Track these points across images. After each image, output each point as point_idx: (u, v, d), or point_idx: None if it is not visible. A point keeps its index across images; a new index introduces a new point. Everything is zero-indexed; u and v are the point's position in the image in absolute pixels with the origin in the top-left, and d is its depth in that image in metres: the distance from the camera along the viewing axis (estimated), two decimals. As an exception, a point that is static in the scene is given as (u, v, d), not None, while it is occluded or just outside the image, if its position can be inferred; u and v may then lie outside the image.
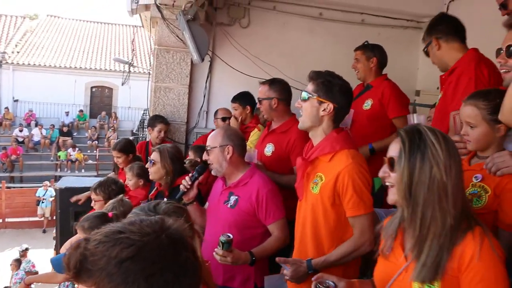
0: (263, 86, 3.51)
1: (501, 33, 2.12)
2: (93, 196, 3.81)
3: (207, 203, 3.15)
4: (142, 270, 0.92)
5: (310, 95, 2.41)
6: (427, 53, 3.05)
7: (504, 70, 2.18)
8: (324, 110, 2.39)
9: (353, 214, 2.33)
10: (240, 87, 5.27)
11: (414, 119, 2.99)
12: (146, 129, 5.25)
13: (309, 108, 2.42)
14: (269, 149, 3.47)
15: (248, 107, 4.39)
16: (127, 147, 4.77)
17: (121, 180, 4.21)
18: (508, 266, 1.66)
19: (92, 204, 3.87)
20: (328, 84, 2.40)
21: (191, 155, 4.25)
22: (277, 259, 2.39)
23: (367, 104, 3.84)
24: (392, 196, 1.71)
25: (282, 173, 3.34)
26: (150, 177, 3.47)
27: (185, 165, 3.63)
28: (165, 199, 2.84)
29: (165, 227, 1.02)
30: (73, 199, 5.01)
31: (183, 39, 5.14)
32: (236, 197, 2.84)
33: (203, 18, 5.27)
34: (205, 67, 5.69)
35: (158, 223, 1.02)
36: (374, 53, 4.00)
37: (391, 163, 1.69)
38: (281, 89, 3.48)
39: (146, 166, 3.48)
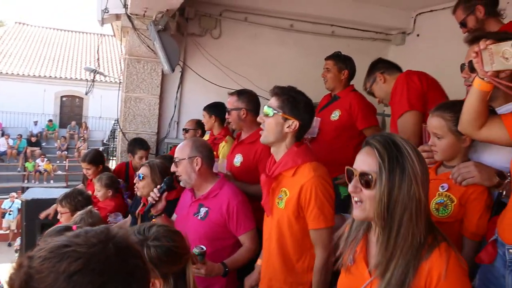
0: (232, 96, 3.54)
1: (466, 46, 2.19)
2: (59, 209, 3.73)
3: (174, 215, 3.13)
4: (91, 282, 0.92)
5: (275, 112, 2.39)
6: (371, 93, 3.33)
7: (469, 84, 2.26)
8: (288, 127, 2.39)
9: (313, 227, 2.33)
10: (211, 97, 5.26)
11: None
12: (127, 154, 5.12)
13: (273, 124, 2.41)
14: (238, 160, 3.49)
15: (214, 117, 4.40)
16: (97, 158, 4.68)
17: (88, 191, 4.14)
18: (471, 273, 1.74)
19: (58, 217, 3.78)
20: (293, 101, 2.39)
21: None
22: None
23: (335, 115, 3.89)
24: (360, 213, 1.61)
25: (251, 183, 3.35)
26: (138, 193, 3.39)
27: None
28: (158, 221, 2.80)
29: (110, 236, 1.02)
30: (42, 215, 4.80)
31: (154, 49, 5.12)
32: (206, 208, 2.83)
33: (174, 28, 5.25)
34: (176, 78, 5.67)
35: (104, 233, 1.02)
36: (346, 65, 4.05)
37: (366, 181, 1.56)
38: (249, 100, 3.52)
39: (134, 181, 3.41)
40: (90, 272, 0.93)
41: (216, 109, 4.42)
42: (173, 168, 2.92)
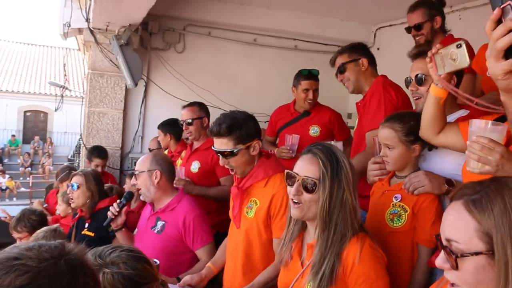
0: (193, 107, 3.74)
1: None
2: (16, 235, 3.62)
3: (137, 229, 3.12)
4: None
5: (237, 149, 2.42)
6: (343, 69, 3.07)
7: (416, 97, 2.36)
8: (254, 149, 2.46)
9: (278, 236, 2.36)
10: (175, 111, 5.24)
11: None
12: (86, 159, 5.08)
13: (242, 158, 2.46)
14: (195, 166, 3.65)
15: (168, 135, 4.51)
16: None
17: (39, 208, 4.07)
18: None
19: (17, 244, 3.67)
20: (241, 127, 2.43)
21: (128, 182, 4.21)
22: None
23: (316, 131, 3.90)
24: (299, 213, 1.85)
25: (210, 186, 3.55)
26: (73, 205, 3.36)
27: None
28: (119, 236, 2.86)
29: (64, 252, 0.99)
30: None
31: (117, 64, 5.10)
32: (163, 222, 2.83)
33: (137, 43, 5.26)
34: (140, 92, 5.64)
35: (58, 248, 1.00)
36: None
37: (309, 185, 1.80)
38: (206, 109, 3.81)
39: (67, 192, 3.39)
40: None
41: (170, 127, 4.50)
42: (133, 181, 2.92)
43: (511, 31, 1.09)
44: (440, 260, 1.14)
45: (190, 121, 3.68)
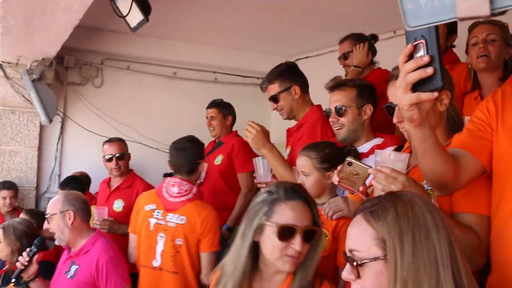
0: (120, 143, 3.79)
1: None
2: None
3: None
4: None
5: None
6: (276, 100, 2.97)
7: (337, 128, 2.46)
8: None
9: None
10: (94, 148, 5.10)
11: (260, 162, 3.01)
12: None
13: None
14: (119, 205, 3.59)
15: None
16: None
17: None
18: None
19: None
20: None
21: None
22: None
23: (218, 160, 3.96)
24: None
25: None
26: None
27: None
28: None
29: None
30: None
31: (30, 99, 4.86)
32: (77, 266, 2.68)
33: (52, 77, 5.06)
34: (56, 128, 5.41)
35: None
36: (230, 111, 4.18)
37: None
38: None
39: None
40: None
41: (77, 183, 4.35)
42: (45, 225, 2.75)
43: (421, 68, 1.16)
44: (346, 272, 1.22)
45: (119, 155, 3.71)
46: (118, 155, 3.70)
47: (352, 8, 4.19)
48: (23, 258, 2.64)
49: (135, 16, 2.86)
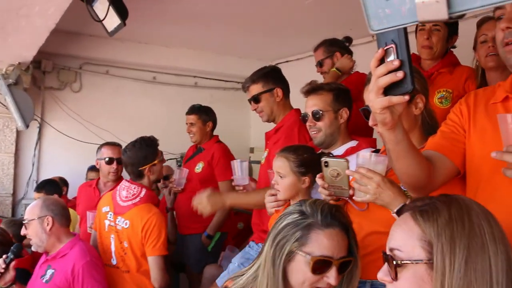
0: (120, 147, 3.79)
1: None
2: None
3: None
4: None
5: None
6: (258, 100, 2.97)
7: (314, 132, 2.48)
8: None
9: None
10: (72, 154, 5.07)
11: (238, 165, 2.99)
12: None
13: None
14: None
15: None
16: None
17: None
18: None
19: None
20: None
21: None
22: None
23: (199, 167, 3.93)
24: None
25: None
26: None
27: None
28: None
29: None
30: None
31: (6, 104, 4.78)
32: (53, 270, 2.65)
33: (29, 82, 4.97)
34: (34, 134, 5.32)
35: None
36: (209, 116, 4.14)
37: None
38: None
39: None
40: None
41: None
42: (23, 231, 2.71)
43: (391, 72, 1.17)
44: (382, 273, 1.12)
45: (120, 158, 3.62)
46: (119, 158, 3.68)
47: (331, 13, 4.23)
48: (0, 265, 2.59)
49: (112, 20, 2.83)
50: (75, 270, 2.60)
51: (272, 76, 2.99)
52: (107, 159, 3.74)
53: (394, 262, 1.07)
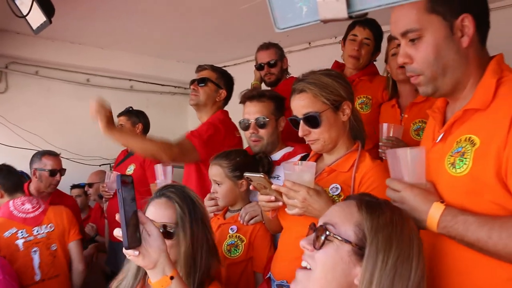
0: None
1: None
2: None
3: None
4: None
5: None
6: (204, 84, 3.03)
7: (255, 139, 2.46)
8: None
9: None
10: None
11: (160, 170, 2.98)
12: None
13: None
14: None
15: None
16: None
17: None
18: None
19: None
20: None
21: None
22: None
23: (130, 169, 3.87)
24: None
25: None
26: None
27: None
28: None
29: None
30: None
31: None
32: None
33: None
34: (-45, 137, 4.98)
35: None
36: (139, 119, 4.09)
37: (168, 232, 1.61)
38: None
39: None
40: None
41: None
42: None
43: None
44: (305, 241, 1.20)
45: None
46: (62, 169, 3.77)
47: (266, 19, 4.23)
48: None
49: (37, 17, 2.61)
50: None
51: (226, 79, 3.10)
52: (50, 170, 3.61)
53: (327, 233, 1.16)
